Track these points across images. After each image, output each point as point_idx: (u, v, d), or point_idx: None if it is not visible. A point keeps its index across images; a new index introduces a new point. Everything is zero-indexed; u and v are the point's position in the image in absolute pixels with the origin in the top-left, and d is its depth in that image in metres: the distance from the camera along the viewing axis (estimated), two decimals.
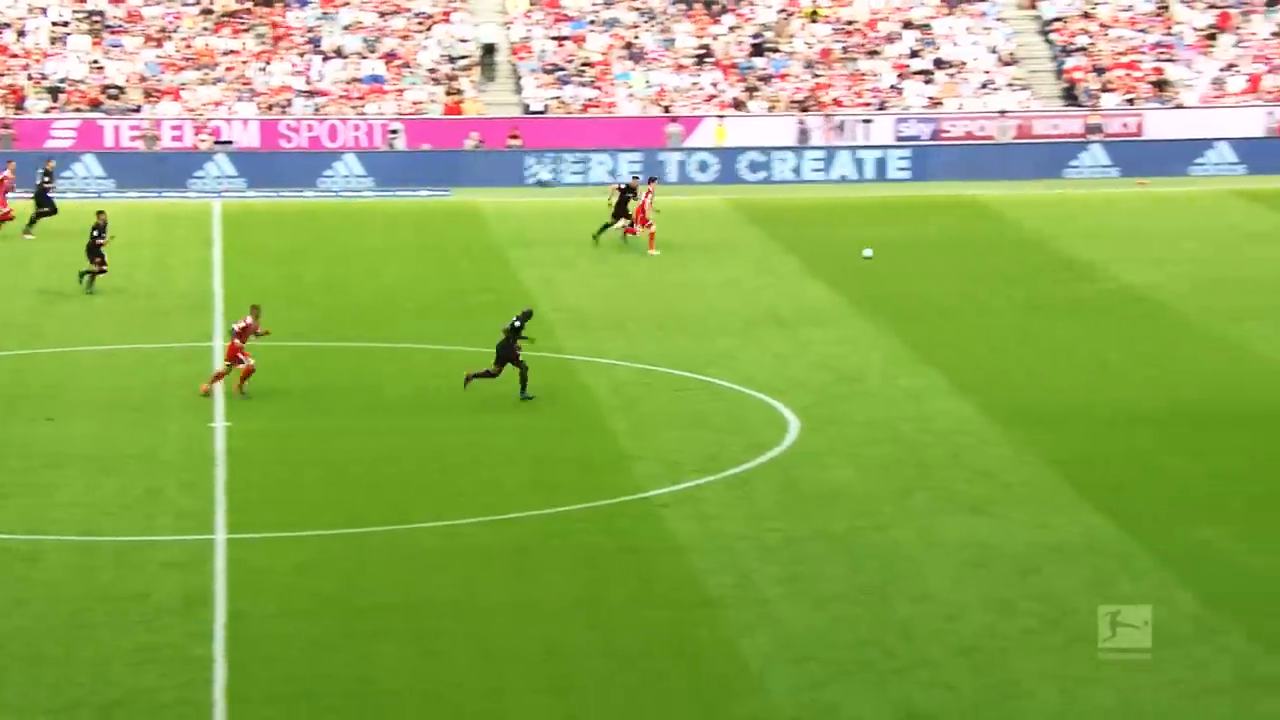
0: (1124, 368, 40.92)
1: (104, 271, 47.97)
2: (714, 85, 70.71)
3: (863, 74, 71.03)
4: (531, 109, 70.42)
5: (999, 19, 73.11)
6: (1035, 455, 34.40)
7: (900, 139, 68.58)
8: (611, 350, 42.01)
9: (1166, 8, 72.30)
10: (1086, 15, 72.37)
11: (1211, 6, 72.34)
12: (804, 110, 69.44)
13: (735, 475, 33.39)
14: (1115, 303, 47.32)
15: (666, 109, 69.86)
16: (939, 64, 71.14)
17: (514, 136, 68.33)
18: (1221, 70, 69.89)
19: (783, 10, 73.53)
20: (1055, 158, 67.44)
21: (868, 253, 52.03)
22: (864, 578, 28.11)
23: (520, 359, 37.87)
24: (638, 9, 73.95)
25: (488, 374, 37.98)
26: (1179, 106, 69.14)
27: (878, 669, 24.63)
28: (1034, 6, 73.75)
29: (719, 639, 25.83)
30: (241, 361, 37.88)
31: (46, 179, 56.38)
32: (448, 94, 70.15)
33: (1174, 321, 45.36)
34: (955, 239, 56.54)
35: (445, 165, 67.55)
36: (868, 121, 68.99)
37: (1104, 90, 69.47)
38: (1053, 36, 72.34)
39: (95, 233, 48.00)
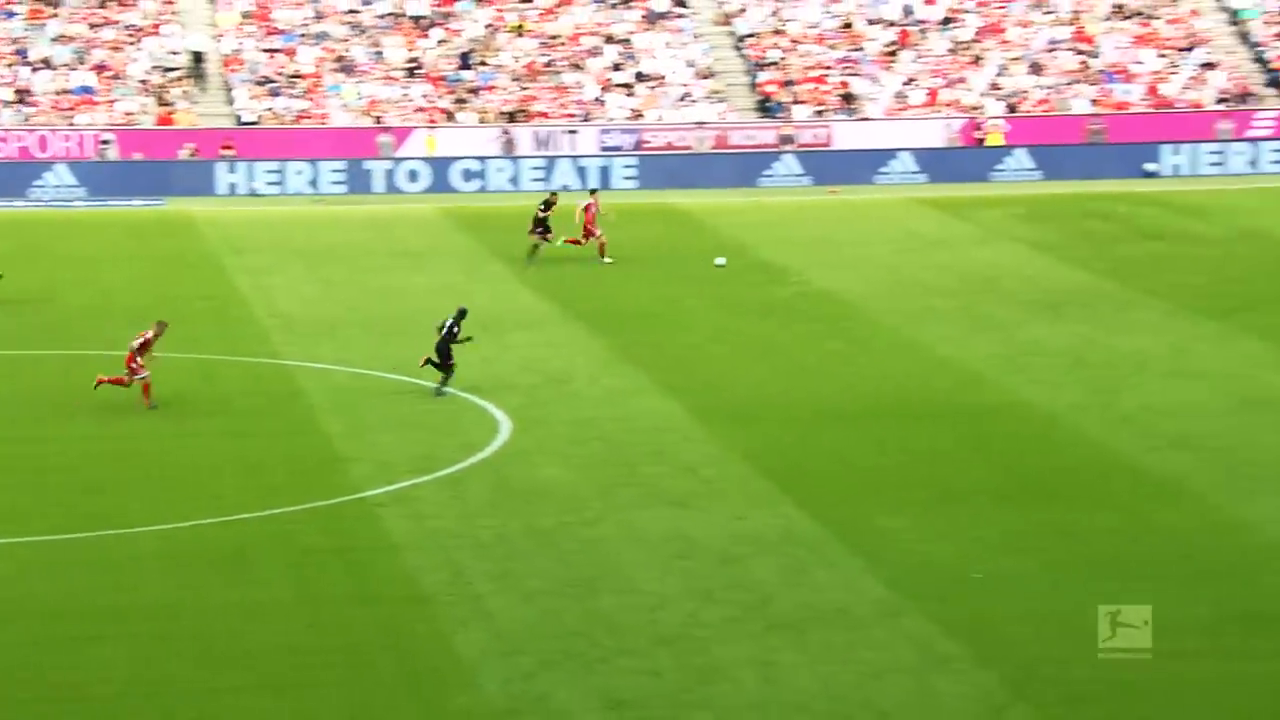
0: (817, 366, 41.64)
1: None
2: (424, 97, 70.64)
3: (567, 87, 71.42)
4: (244, 120, 69.75)
5: (696, 35, 73.97)
6: (734, 451, 34.91)
7: (604, 149, 69.05)
8: (325, 355, 41.80)
9: (850, 25, 73.74)
10: (778, 32, 73.51)
11: (892, 25, 73.91)
12: (512, 121, 69.64)
13: (448, 475, 33.43)
14: (809, 305, 48.12)
15: (378, 120, 69.65)
16: (640, 77, 71.79)
17: (226, 147, 67.64)
18: (903, 84, 71.45)
19: (489, 25, 73.68)
20: (751, 167, 68.42)
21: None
22: (572, 571, 28.33)
23: (450, 357, 38.22)
24: (348, 23, 73.60)
25: (445, 371, 38.31)
26: (864, 119, 70.53)
27: (585, 659, 24.85)
28: (728, 23, 74.74)
29: (433, 634, 25.87)
30: (137, 375, 37.11)
31: None
32: (160, 104, 69.19)
33: (863, 322, 46.22)
34: (657, 245, 57.06)
35: (158, 175, 66.62)
36: (572, 132, 69.39)
37: (795, 103, 70.64)
38: (746, 52, 73.34)
39: None
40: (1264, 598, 27.33)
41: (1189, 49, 72.56)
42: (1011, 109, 70.44)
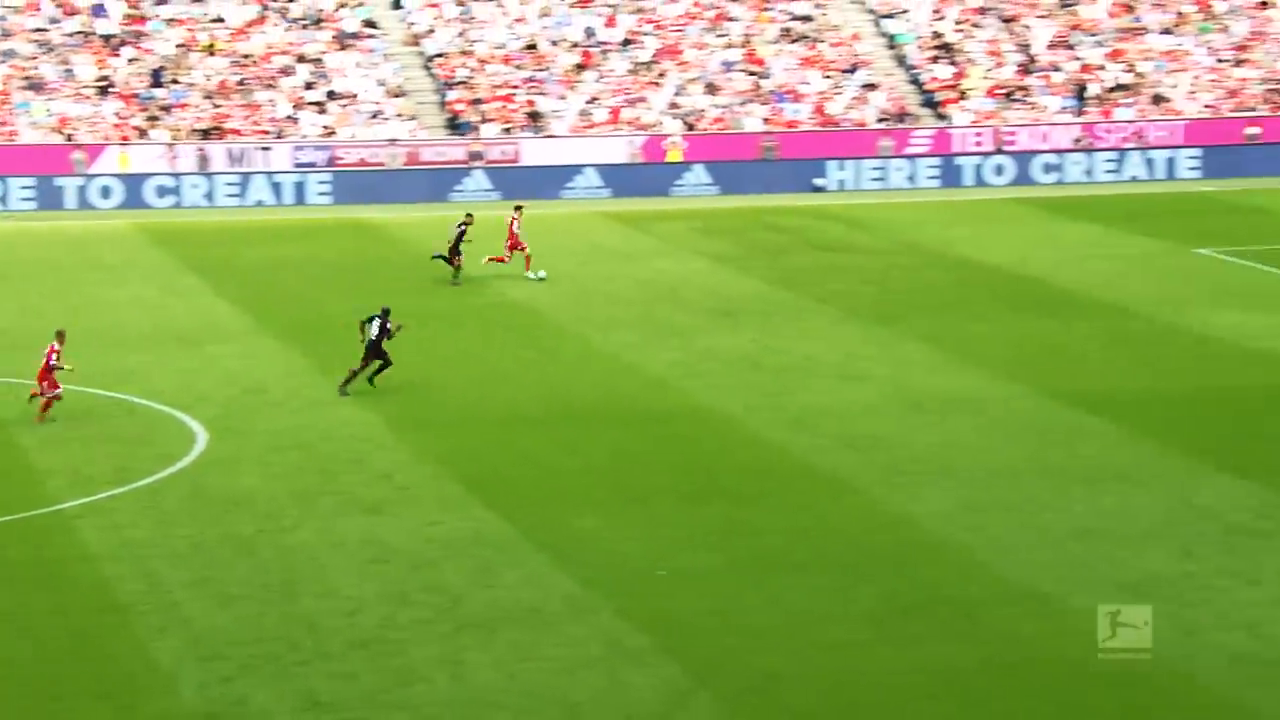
0: (509, 374, 41.67)
1: None
2: (116, 114, 69.21)
3: (260, 105, 70.53)
4: None
5: (386, 55, 73.58)
6: (428, 457, 34.81)
7: (298, 165, 68.35)
8: (20, 369, 40.69)
9: (535, 46, 73.98)
10: (465, 53, 73.44)
11: (575, 46, 74.29)
12: (205, 138, 68.58)
13: (145, 486, 32.83)
14: (501, 314, 48.15)
15: (69, 137, 68.08)
16: (332, 96, 71.19)
17: None
18: (587, 103, 71.88)
19: (181, 44, 72.46)
20: (441, 183, 68.23)
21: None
22: (269, 577, 28.03)
23: (385, 353, 38.87)
24: (36, 41, 71.82)
25: (375, 369, 38.82)
26: (551, 136, 70.79)
27: (283, 662, 24.59)
28: (417, 44, 74.49)
29: (130, 642, 25.39)
30: (52, 389, 36.53)
31: None
32: None
33: (552, 331, 46.39)
34: (352, 259, 56.66)
35: None
36: (266, 149, 68.58)
37: (484, 121, 70.66)
38: (436, 71, 73.16)
39: None
40: (925, 588, 28.01)
41: (852, 71, 74.12)
42: (690, 127, 71.26)
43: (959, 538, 30.28)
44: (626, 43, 74.56)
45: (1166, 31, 76.58)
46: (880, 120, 72.33)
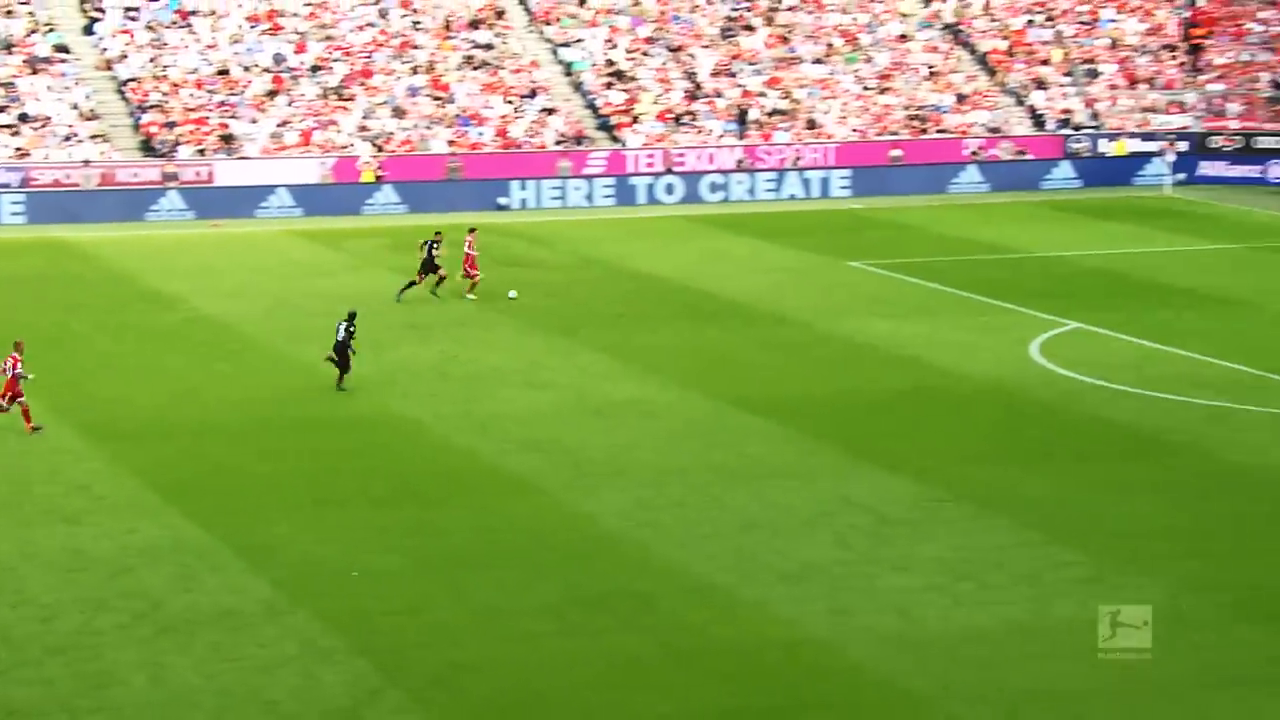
0: (204, 386, 40.94)
1: None
2: None
3: None
4: None
5: (78, 79, 71.73)
6: (126, 468, 34.07)
7: None
8: None
9: (227, 71, 72.84)
10: (158, 77, 71.98)
11: (266, 71, 73.31)
12: None
13: None
14: (196, 329, 47.30)
15: None
16: (24, 119, 69.21)
17: None
18: (279, 126, 70.98)
19: None
20: (137, 203, 66.74)
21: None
22: None
23: (349, 356, 39.76)
24: None
25: (338, 363, 39.82)
26: (244, 158, 69.76)
27: None
28: (110, 68, 72.78)
29: None
30: (19, 399, 35.96)
31: None
32: None
33: (247, 344, 45.69)
34: (50, 276, 55.21)
35: None
36: None
37: (178, 143, 69.34)
38: (129, 95, 71.56)
39: None
40: (604, 581, 28.26)
41: (531, 96, 74.38)
42: (379, 149, 70.81)
43: (635, 534, 30.59)
44: (316, 68, 73.82)
45: (818, 61, 78.31)
46: (559, 142, 72.70)
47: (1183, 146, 74.64)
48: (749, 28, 79.42)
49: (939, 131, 75.62)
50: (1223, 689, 23.95)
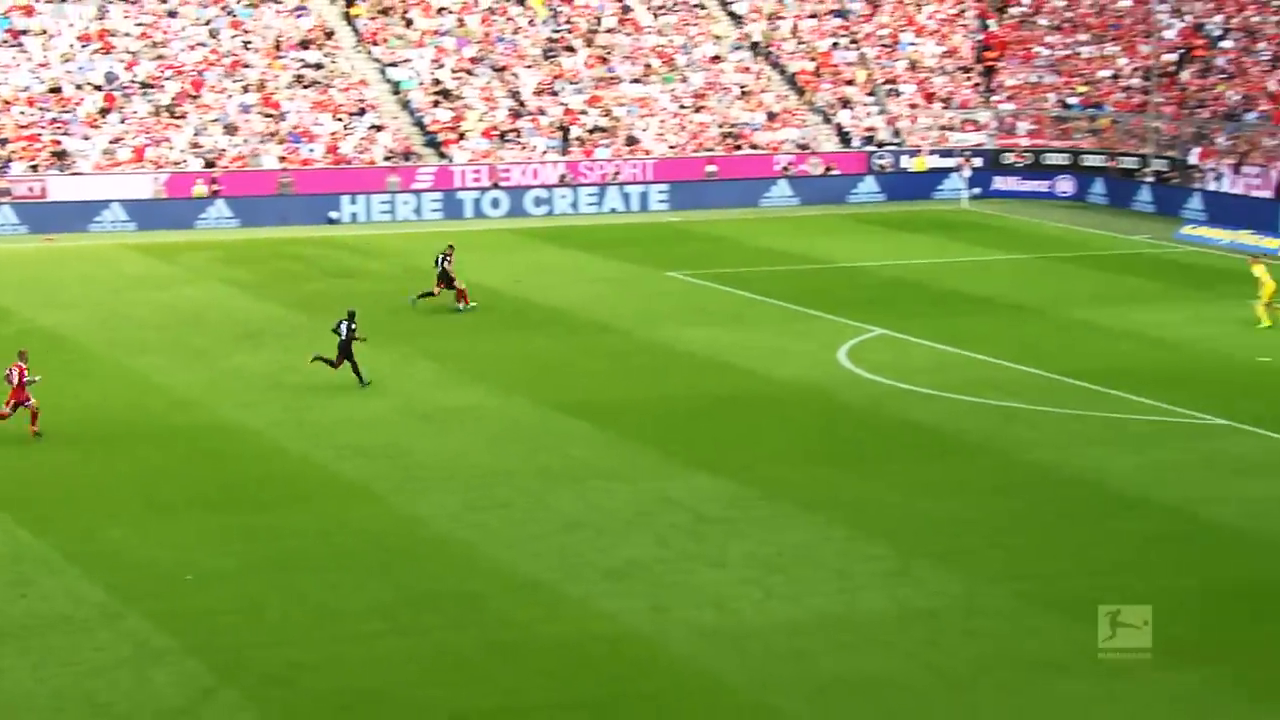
0: (38, 394, 40.04)
1: None
2: None
3: None
4: None
5: None
6: None
7: None
8: None
9: (59, 90, 71.52)
10: None
11: (98, 89, 72.09)
12: None
13: None
14: (30, 341, 46.21)
15: None
16: None
17: None
18: (111, 143, 69.82)
19: None
20: None
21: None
22: None
23: (353, 354, 40.46)
24: None
25: (330, 363, 40.53)
26: (77, 173, 68.55)
27: None
28: None
29: None
30: (27, 403, 36.00)
31: None
32: None
33: (83, 355, 44.94)
34: None
35: None
36: None
37: (11, 159, 67.98)
38: None
39: None
40: (433, 580, 28.19)
41: (361, 114, 73.85)
42: (210, 165, 69.92)
43: (464, 535, 30.51)
44: (147, 86, 72.71)
45: (637, 81, 78.60)
46: (388, 158, 72.28)
47: (978, 162, 75.94)
48: (570, 49, 79.55)
49: (751, 148, 76.26)
50: (1016, 673, 24.41)
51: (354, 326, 41.04)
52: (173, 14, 76.68)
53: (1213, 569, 28.71)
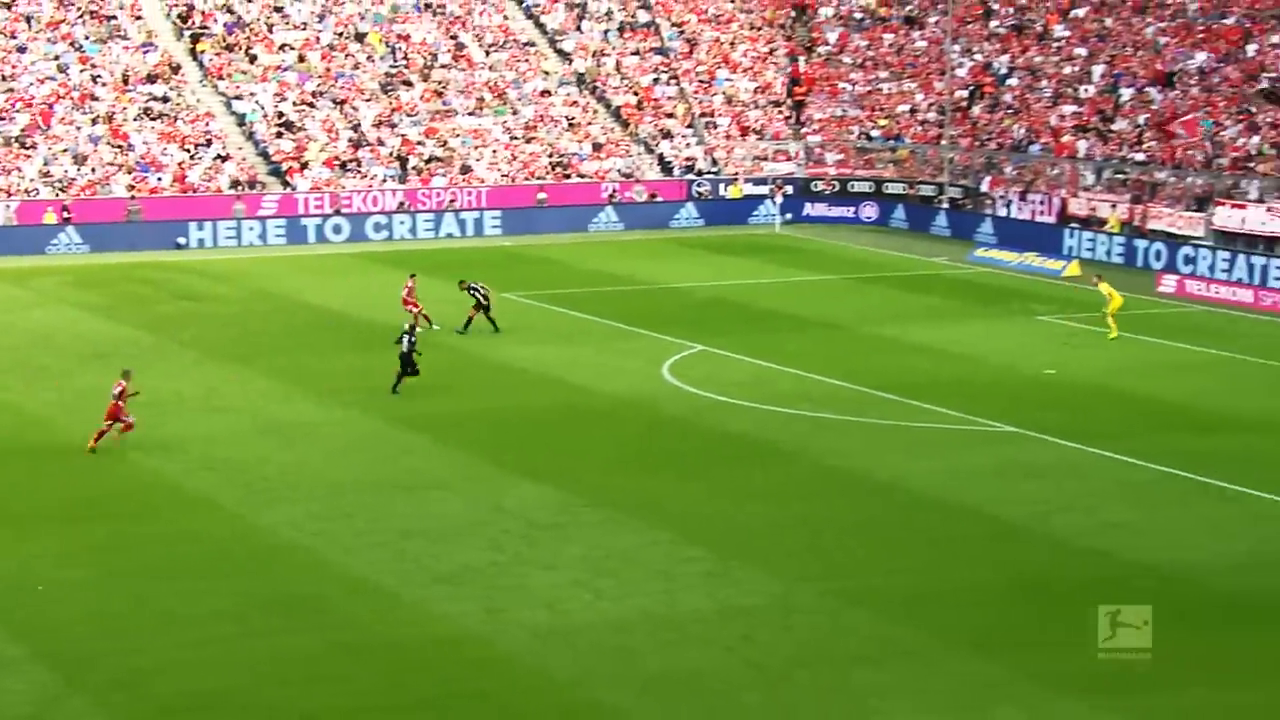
0: None
1: None
2: None
3: None
4: None
5: None
6: None
7: None
8: None
9: None
10: None
11: None
12: None
13: None
14: None
15: None
16: None
17: None
18: None
19: None
20: None
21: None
22: None
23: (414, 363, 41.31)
24: None
25: (403, 376, 41.29)
26: None
27: None
28: None
29: None
30: (122, 420, 35.84)
31: None
32: None
33: None
34: None
35: None
36: None
37: None
38: None
39: None
40: (279, 586, 27.86)
41: (207, 144, 72.85)
42: (62, 192, 68.52)
43: (307, 542, 30.16)
44: None
45: (471, 114, 78.35)
46: (233, 187, 71.33)
47: (789, 190, 76.69)
48: (407, 83, 79.10)
49: (579, 176, 76.32)
50: (828, 666, 24.60)
51: (414, 340, 41.57)
52: (22, 49, 75.16)
53: (1005, 564, 29.19)
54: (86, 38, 76.43)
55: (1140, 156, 67.70)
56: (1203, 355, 47.13)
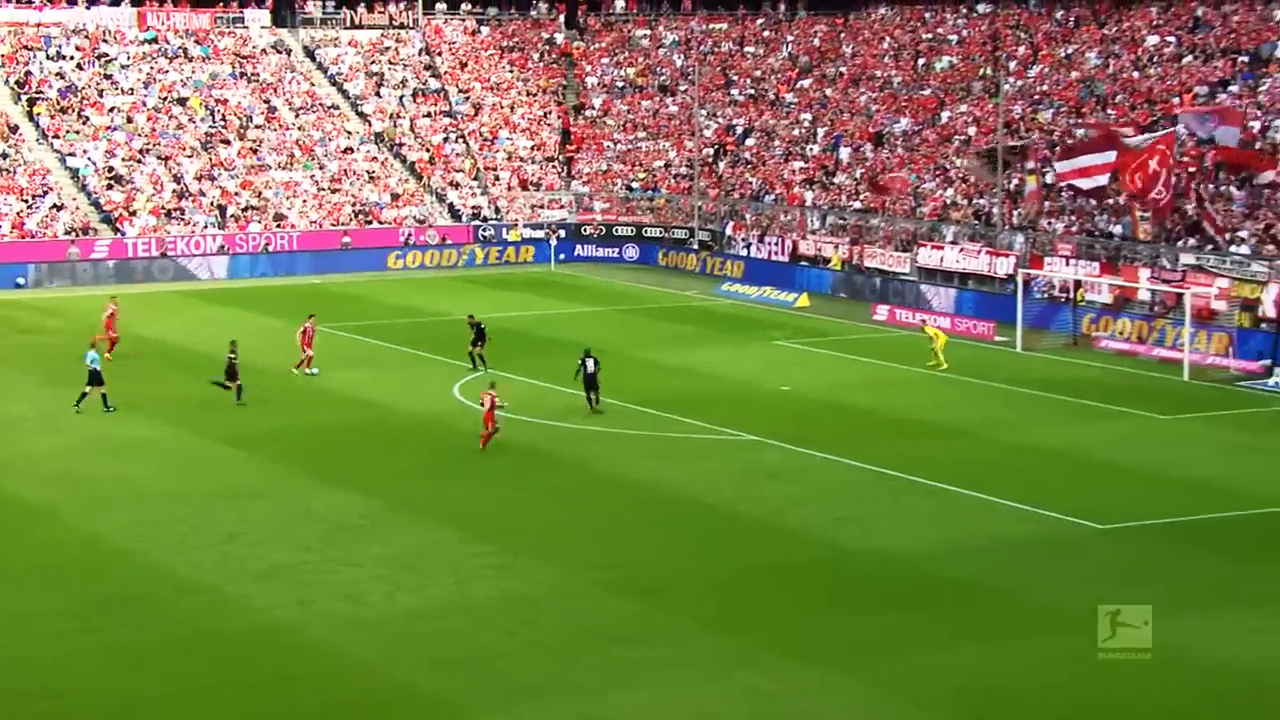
0: None
1: None
2: None
3: None
4: None
5: None
6: None
7: None
8: None
9: None
10: None
11: None
12: None
13: None
14: None
15: None
16: None
17: None
18: None
19: None
20: None
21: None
22: None
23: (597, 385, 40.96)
24: None
25: (591, 394, 40.91)
26: None
27: None
28: None
29: None
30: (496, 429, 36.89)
31: None
32: None
33: None
34: None
35: None
36: None
37: None
38: None
39: None
40: (115, 586, 27.23)
41: (43, 195, 70.67)
42: None
43: (140, 547, 29.47)
44: None
45: (283, 168, 77.19)
46: (68, 233, 69.23)
47: (562, 234, 76.98)
48: (225, 141, 77.63)
49: (379, 223, 75.66)
50: (599, 642, 24.75)
51: (596, 360, 41.34)
52: None
53: (748, 553, 29.63)
54: None
55: (857, 205, 69.42)
56: (910, 373, 48.43)
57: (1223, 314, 50.73)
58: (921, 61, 78.87)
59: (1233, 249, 52.82)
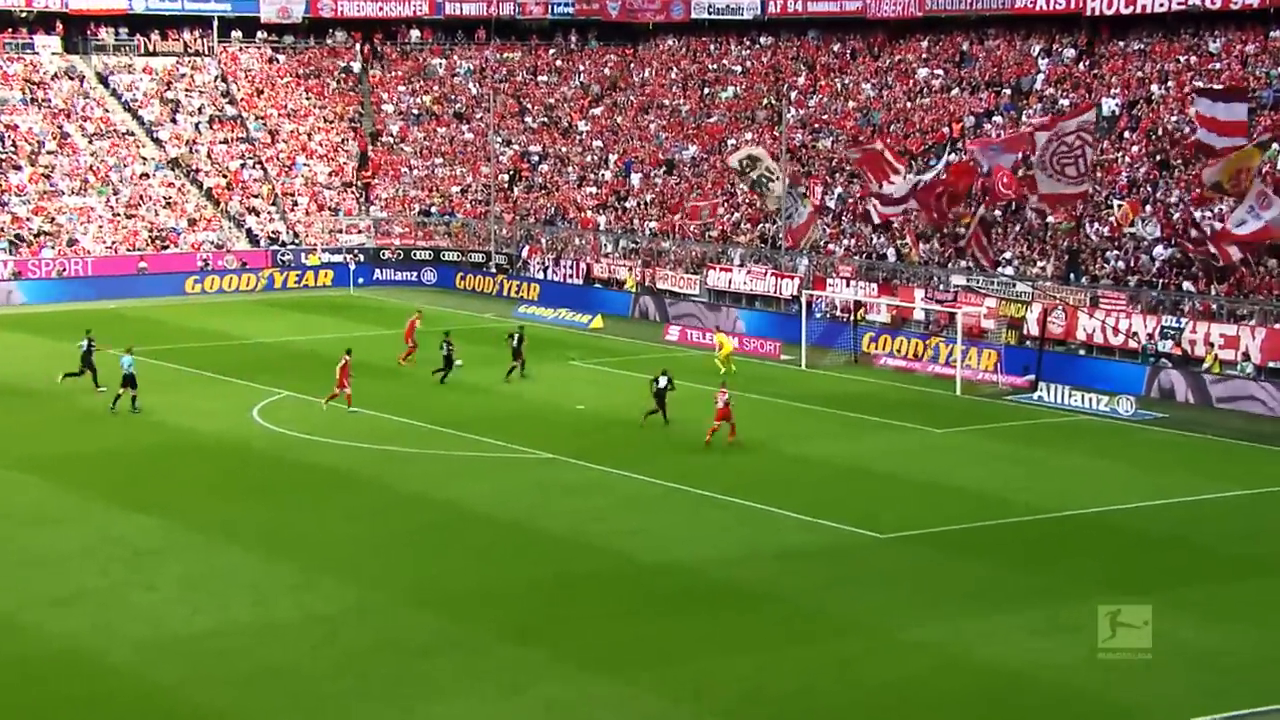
0: None
1: None
2: None
3: None
4: None
5: None
6: None
7: None
8: None
9: None
10: None
11: None
12: None
13: None
14: None
15: None
16: None
17: None
18: None
19: None
20: None
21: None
22: None
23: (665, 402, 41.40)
24: None
25: (658, 411, 41.49)
26: None
27: None
28: None
29: None
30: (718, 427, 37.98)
31: None
32: None
33: None
34: None
35: None
36: None
37: None
38: None
39: None
40: None
41: None
42: None
43: None
44: None
45: (76, 193, 74.96)
46: None
47: (361, 258, 76.19)
48: (16, 167, 75.06)
49: (176, 248, 73.91)
50: (398, 656, 24.56)
51: (673, 380, 42.32)
52: None
53: (546, 567, 29.70)
54: None
55: (650, 228, 70.13)
56: (701, 390, 49.11)
57: (991, 332, 52.55)
58: (707, 90, 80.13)
59: (999, 270, 54.77)
